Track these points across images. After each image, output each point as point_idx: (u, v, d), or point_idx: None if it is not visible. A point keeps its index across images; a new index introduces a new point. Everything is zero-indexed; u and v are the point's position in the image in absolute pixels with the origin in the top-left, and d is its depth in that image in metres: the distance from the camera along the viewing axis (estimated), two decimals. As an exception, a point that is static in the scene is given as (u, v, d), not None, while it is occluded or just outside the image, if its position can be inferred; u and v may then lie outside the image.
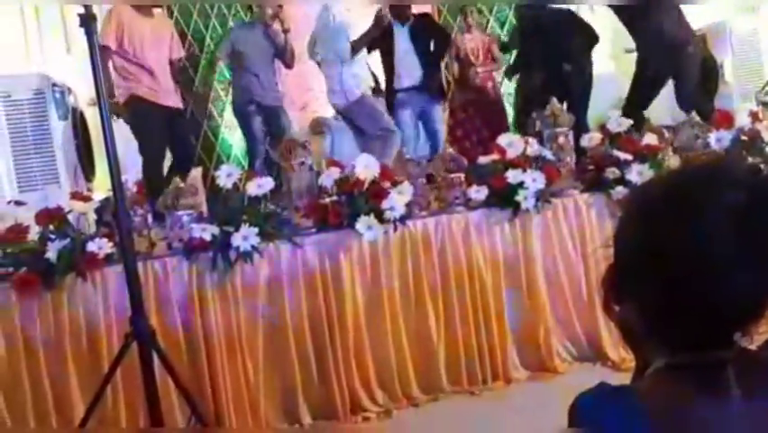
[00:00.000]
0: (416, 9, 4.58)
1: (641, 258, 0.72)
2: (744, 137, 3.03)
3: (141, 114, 3.77)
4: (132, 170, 3.95)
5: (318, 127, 4.91)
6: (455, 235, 2.90)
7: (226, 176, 2.71)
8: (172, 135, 3.91)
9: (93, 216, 2.95)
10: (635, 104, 3.88)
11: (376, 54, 4.42)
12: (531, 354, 2.94)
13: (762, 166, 0.74)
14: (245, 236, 2.54)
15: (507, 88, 6.13)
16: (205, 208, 2.76)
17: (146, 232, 2.75)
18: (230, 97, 5.57)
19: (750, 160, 2.94)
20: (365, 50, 4.07)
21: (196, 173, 2.84)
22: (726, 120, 3.05)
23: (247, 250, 2.54)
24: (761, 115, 3.13)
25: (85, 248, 2.51)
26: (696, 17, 4.58)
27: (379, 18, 3.91)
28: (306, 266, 2.69)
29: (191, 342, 2.59)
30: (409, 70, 4.37)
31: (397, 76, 4.38)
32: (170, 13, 5.39)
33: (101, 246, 2.52)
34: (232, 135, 5.72)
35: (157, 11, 3.96)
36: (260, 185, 2.64)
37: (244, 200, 2.66)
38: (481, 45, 4.89)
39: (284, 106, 4.67)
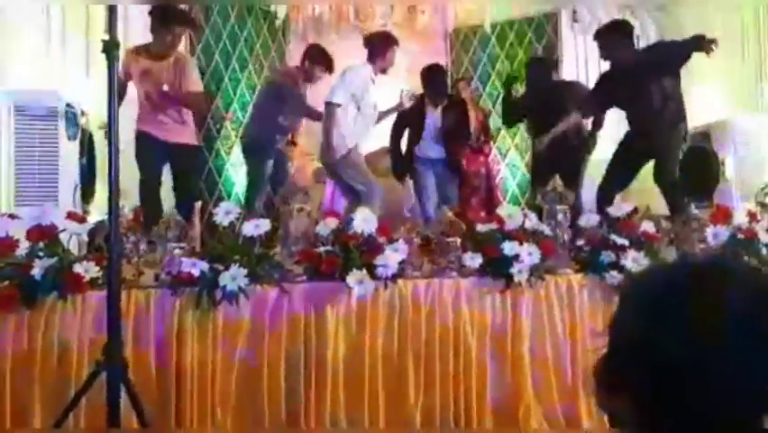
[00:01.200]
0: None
1: (638, 350, 0.71)
2: (740, 235, 3.04)
3: (142, 149, 4.00)
4: (133, 198, 3.98)
5: (320, 176, 4.95)
6: (445, 300, 2.87)
7: (225, 213, 2.71)
8: (175, 171, 4.06)
9: (85, 238, 2.94)
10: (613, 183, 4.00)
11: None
12: (508, 429, 2.86)
13: (761, 268, 0.74)
14: (234, 276, 2.51)
15: (512, 160, 6.24)
16: (198, 243, 2.75)
17: (135, 259, 2.73)
18: (238, 137, 5.64)
19: (746, 260, 2.95)
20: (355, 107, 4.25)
21: (172, 211, 2.87)
22: (724, 216, 3.07)
23: (234, 290, 2.51)
24: (759, 216, 3.15)
25: (71, 269, 2.48)
26: (700, 113, 4.71)
27: (417, 101, 4.55)
28: (291, 313, 2.65)
29: (163, 378, 2.52)
30: (434, 144, 4.78)
31: (422, 146, 4.80)
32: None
33: (87, 269, 2.49)
34: (236, 174, 5.77)
35: (179, 50, 4.15)
36: (257, 225, 2.63)
37: (239, 240, 2.65)
38: (475, 119, 5.01)
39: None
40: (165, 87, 4.01)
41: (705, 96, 4.45)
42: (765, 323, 0.69)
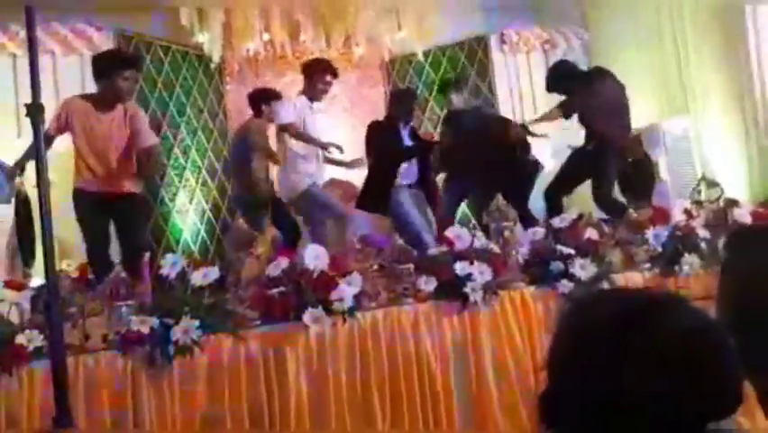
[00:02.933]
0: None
1: (572, 390, 0.73)
2: (679, 233, 3.16)
3: (81, 206, 3.72)
4: (80, 256, 3.84)
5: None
6: (404, 327, 2.87)
7: (171, 265, 2.65)
8: (120, 224, 3.82)
9: (26, 306, 2.82)
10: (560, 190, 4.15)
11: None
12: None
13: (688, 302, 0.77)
14: (186, 329, 2.45)
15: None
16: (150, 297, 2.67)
17: (81, 323, 2.63)
18: (182, 183, 5.57)
19: (686, 255, 3.06)
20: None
21: (118, 268, 2.76)
22: (663, 217, 3.20)
23: (187, 344, 2.45)
24: (694, 213, 3.29)
25: (13, 341, 2.37)
26: (632, 119, 4.91)
27: (388, 125, 4.56)
28: (249, 359, 2.60)
29: (122, 443, 2.42)
30: (410, 168, 4.63)
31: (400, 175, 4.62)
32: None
33: (30, 339, 2.39)
34: (183, 220, 5.67)
35: (121, 104, 3.86)
36: (206, 274, 2.58)
37: (187, 290, 2.60)
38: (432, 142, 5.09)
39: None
40: (115, 141, 3.76)
41: (635, 101, 4.65)
42: (698, 358, 0.71)
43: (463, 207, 6.23)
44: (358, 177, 5.58)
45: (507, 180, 4.25)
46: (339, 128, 6.24)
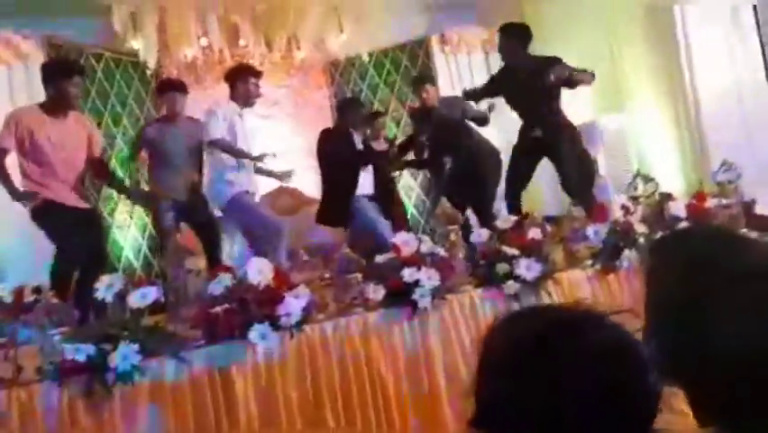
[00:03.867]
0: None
1: (499, 409, 0.73)
2: (618, 228, 3.24)
3: (53, 218, 3.55)
4: (13, 277, 3.65)
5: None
6: (354, 338, 2.84)
7: (107, 287, 2.54)
8: (84, 239, 3.64)
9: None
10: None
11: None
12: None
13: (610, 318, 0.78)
14: (124, 355, 2.35)
15: (407, 182, 6.36)
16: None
17: (12, 353, 2.49)
18: (122, 197, 5.38)
19: (626, 251, 3.14)
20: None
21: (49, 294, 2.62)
22: (602, 213, 3.27)
23: (127, 370, 2.35)
24: (632, 208, 3.38)
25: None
26: (571, 116, 5.02)
27: (342, 133, 4.41)
28: (195, 382, 2.51)
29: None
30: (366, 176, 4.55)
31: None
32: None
33: (-44, 375, 2.25)
34: (123, 237, 5.47)
35: (72, 112, 3.77)
36: (144, 295, 2.48)
37: (125, 312, 2.49)
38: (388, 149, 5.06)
39: None
40: (74, 149, 3.67)
41: (574, 98, 4.76)
42: (618, 376, 0.72)
43: (412, 210, 6.26)
44: (307, 184, 5.52)
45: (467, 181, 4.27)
46: (284, 133, 6.15)
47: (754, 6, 4.99)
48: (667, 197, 3.46)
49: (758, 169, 4.27)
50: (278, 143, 5.24)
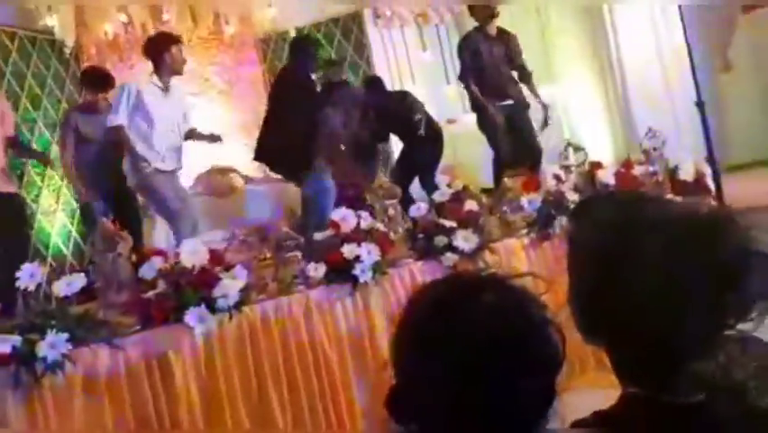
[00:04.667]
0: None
1: (418, 379, 0.72)
2: (550, 198, 3.33)
3: None
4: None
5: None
6: (296, 316, 2.81)
7: (29, 276, 2.40)
8: (2, 227, 3.44)
9: None
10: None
11: None
12: (383, 430, 2.88)
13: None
14: (53, 344, 2.24)
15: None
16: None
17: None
18: (46, 182, 5.12)
19: (558, 218, 3.23)
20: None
21: None
22: (534, 184, 3.35)
23: (56, 359, 2.24)
24: (563, 177, 3.48)
25: None
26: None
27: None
28: (130, 370, 2.42)
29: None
30: None
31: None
32: None
33: None
34: (50, 223, 5.20)
35: None
36: (69, 283, 2.37)
37: (52, 302, 2.37)
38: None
39: None
40: None
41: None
42: (509, 334, 0.73)
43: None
44: (242, 163, 5.38)
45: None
46: (216, 111, 5.97)
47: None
48: (596, 165, 3.57)
49: (680, 136, 4.48)
50: (211, 121, 5.09)
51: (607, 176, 3.46)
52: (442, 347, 0.72)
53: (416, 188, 4.69)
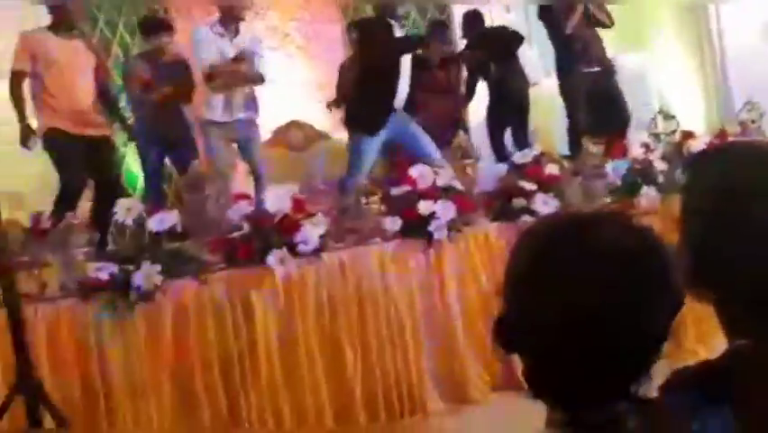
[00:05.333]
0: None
1: (523, 317, 0.73)
2: (637, 165, 3.22)
3: (57, 146, 3.55)
4: (32, 204, 3.67)
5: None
6: (371, 267, 2.87)
7: (126, 210, 2.56)
8: (95, 166, 3.66)
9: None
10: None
11: None
12: (448, 384, 2.94)
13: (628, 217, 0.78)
14: (146, 275, 2.39)
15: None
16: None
17: (36, 271, 2.54)
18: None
19: (645, 188, 3.12)
20: None
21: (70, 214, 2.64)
22: (620, 150, 3.24)
23: (149, 289, 2.39)
24: (652, 146, 3.34)
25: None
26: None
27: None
28: (215, 305, 2.56)
29: (89, 392, 2.38)
30: None
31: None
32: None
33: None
34: (138, 166, 5.46)
35: (76, 32, 3.71)
36: (162, 220, 2.50)
37: (145, 236, 2.52)
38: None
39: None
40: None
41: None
42: (628, 284, 0.71)
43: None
44: (317, 119, 5.46)
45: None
46: (295, 66, 6.04)
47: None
48: (688, 135, 3.41)
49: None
50: (289, 77, 5.14)
51: (698, 146, 3.30)
52: (560, 284, 0.71)
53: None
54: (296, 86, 4.79)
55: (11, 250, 2.27)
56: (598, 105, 4.20)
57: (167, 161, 4.34)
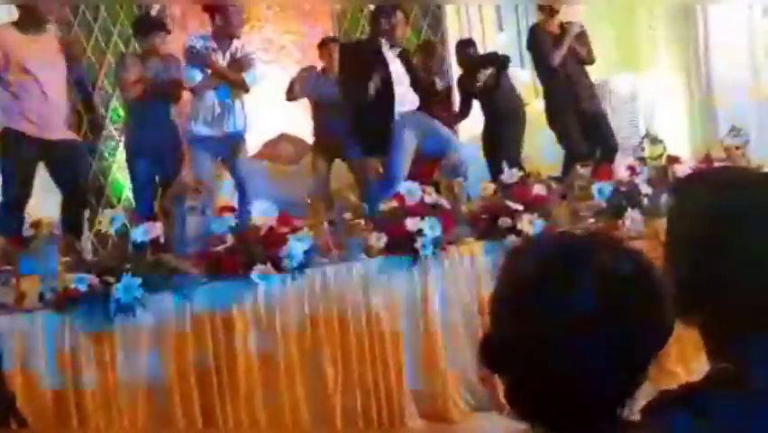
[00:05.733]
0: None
1: (511, 336, 0.72)
2: (622, 188, 3.23)
3: (9, 150, 3.36)
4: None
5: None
6: (355, 283, 2.86)
7: (110, 221, 2.54)
8: (60, 171, 3.48)
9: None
10: None
11: None
12: (428, 403, 2.91)
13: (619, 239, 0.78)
14: (127, 287, 2.36)
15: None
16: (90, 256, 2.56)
17: (13, 281, 2.50)
18: (123, 137, 5.32)
19: (629, 210, 3.14)
20: None
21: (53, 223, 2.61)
22: (607, 173, 3.26)
23: (128, 302, 2.36)
24: (638, 169, 3.36)
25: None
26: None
27: None
28: (196, 319, 2.53)
29: (62, 406, 2.34)
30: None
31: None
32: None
33: (-42, 299, 2.26)
34: (124, 177, 5.43)
35: (49, 28, 3.51)
36: (146, 231, 2.48)
37: (128, 247, 2.50)
38: None
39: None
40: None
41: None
42: (620, 308, 0.70)
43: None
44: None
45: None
46: (289, 79, 6.04)
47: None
48: (673, 159, 3.44)
49: (764, 136, 4.25)
50: (284, 90, 5.15)
51: (684, 171, 3.32)
52: (550, 308, 0.70)
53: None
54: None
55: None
56: (587, 132, 4.25)
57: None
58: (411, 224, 2.92)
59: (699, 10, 4.97)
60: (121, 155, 5.39)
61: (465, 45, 5.04)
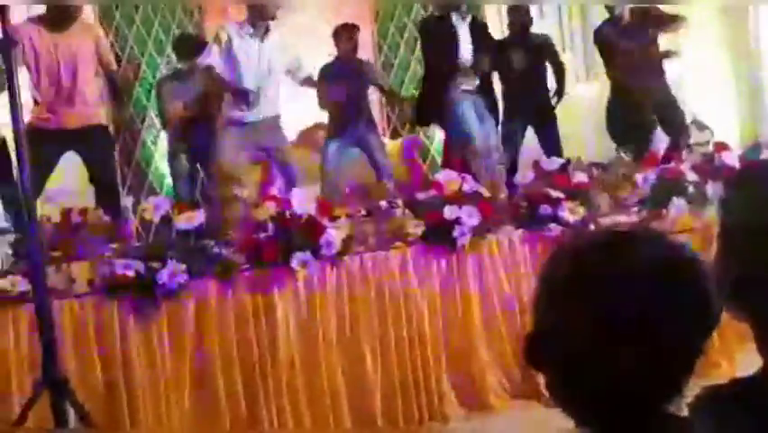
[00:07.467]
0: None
1: (550, 333, 0.72)
2: (668, 177, 3.15)
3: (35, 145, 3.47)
4: (64, 198, 3.73)
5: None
6: (393, 271, 2.87)
7: (155, 208, 2.60)
8: (86, 158, 3.53)
9: (8, 251, 2.77)
10: None
11: None
12: (467, 391, 2.92)
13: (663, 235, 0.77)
14: (172, 273, 2.42)
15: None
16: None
17: (65, 267, 2.59)
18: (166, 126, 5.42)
19: (674, 199, 3.06)
20: None
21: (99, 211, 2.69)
22: (652, 161, 3.18)
23: (173, 288, 2.42)
24: (684, 156, 3.27)
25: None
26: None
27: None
28: (238, 304, 2.59)
29: (112, 388, 2.42)
30: None
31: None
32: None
33: (14, 283, 2.35)
34: (166, 164, 5.54)
35: (80, 20, 3.55)
36: (190, 218, 2.54)
37: (172, 234, 2.56)
38: None
39: None
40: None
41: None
42: (669, 304, 0.70)
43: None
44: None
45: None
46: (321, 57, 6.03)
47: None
48: (721, 146, 3.33)
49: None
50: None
51: (731, 158, 3.22)
52: (597, 300, 0.70)
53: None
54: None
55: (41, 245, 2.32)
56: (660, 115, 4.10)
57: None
58: (449, 212, 2.91)
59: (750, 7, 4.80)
60: (163, 143, 5.52)
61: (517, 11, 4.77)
